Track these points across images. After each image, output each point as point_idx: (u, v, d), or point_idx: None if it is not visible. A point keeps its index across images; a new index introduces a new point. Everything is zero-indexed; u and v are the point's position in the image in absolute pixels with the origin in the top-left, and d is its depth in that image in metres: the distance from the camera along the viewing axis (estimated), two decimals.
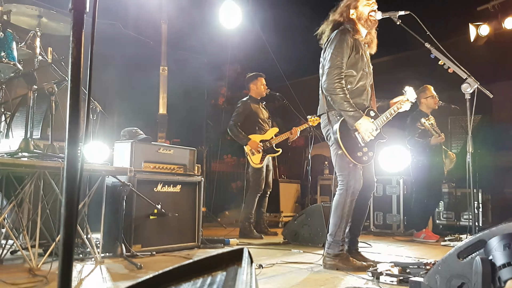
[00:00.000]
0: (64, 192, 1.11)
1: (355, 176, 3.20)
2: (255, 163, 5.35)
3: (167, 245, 3.87)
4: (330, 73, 3.17)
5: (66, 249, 1.08)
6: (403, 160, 5.75)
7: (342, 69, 3.17)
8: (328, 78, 3.17)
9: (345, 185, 3.21)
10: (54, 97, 3.09)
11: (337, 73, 3.15)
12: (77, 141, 1.14)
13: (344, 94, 3.14)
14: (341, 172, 3.24)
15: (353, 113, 3.13)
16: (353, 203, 3.22)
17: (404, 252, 4.26)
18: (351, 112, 3.13)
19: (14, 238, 2.95)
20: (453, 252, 1.92)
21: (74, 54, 1.18)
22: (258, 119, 5.52)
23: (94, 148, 3.34)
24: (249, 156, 5.36)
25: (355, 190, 3.20)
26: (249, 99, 5.63)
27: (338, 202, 3.22)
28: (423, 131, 5.37)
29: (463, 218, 5.98)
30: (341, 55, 3.18)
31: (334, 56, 3.18)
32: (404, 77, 3.69)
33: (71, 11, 1.20)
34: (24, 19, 3.51)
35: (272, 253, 3.99)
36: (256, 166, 5.36)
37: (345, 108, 3.13)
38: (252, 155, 5.35)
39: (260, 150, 5.34)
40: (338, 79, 3.14)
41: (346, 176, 3.21)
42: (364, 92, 3.33)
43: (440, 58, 3.22)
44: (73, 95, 1.17)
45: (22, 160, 2.84)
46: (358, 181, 3.20)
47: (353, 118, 3.14)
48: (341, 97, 3.13)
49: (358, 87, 3.29)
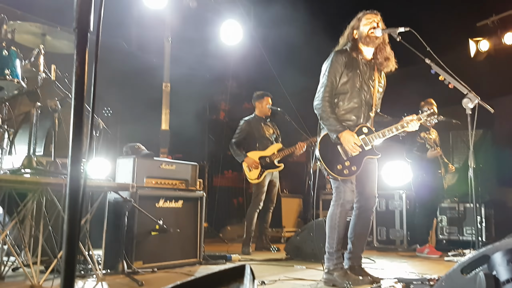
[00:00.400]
0: (67, 209, 1.12)
1: (345, 188, 3.27)
2: (251, 178, 5.41)
3: (169, 261, 3.85)
4: (318, 91, 3.35)
5: (68, 266, 1.08)
6: (406, 175, 5.75)
7: (330, 88, 3.31)
8: (317, 97, 3.35)
9: (336, 196, 3.31)
10: (57, 114, 3.11)
11: (326, 90, 3.30)
12: (80, 158, 1.15)
13: (330, 110, 3.27)
14: (333, 184, 3.37)
15: (337, 127, 3.24)
16: (344, 214, 3.28)
17: (407, 267, 4.23)
18: (331, 126, 3.25)
19: (16, 255, 2.94)
20: (456, 268, 1.91)
21: (78, 72, 1.20)
22: (260, 137, 5.58)
23: (97, 164, 3.35)
24: (246, 172, 5.41)
25: (345, 202, 3.27)
26: (253, 117, 5.71)
27: (330, 213, 3.32)
28: (422, 144, 5.40)
29: (466, 233, 5.94)
30: (333, 74, 3.31)
31: (325, 76, 3.34)
32: (404, 93, 3.71)
33: (75, 30, 1.23)
34: (28, 37, 3.54)
35: (275, 269, 3.96)
36: (253, 182, 5.40)
37: (330, 124, 3.25)
38: (249, 171, 5.38)
39: (258, 166, 5.37)
40: (326, 97, 3.29)
41: (337, 189, 3.32)
42: (355, 109, 3.37)
43: (441, 74, 3.23)
44: (76, 112, 1.18)
45: (24, 177, 2.85)
46: (348, 193, 3.27)
47: (335, 132, 3.25)
48: (326, 113, 3.27)
49: (350, 105, 3.36)
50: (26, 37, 3.54)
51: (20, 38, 3.50)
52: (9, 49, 3.12)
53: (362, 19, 3.39)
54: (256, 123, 5.63)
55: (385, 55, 3.46)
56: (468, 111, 3.26)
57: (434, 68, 3.24)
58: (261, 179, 5.39)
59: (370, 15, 3.40)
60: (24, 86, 3.22)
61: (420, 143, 5.42)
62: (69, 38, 3.55)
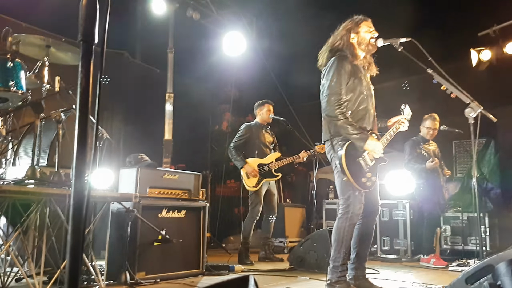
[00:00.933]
0: (71, 220, 1.12)
1: (356, 201, 3.19)
2: (249, 186, 5.37)
3: (171, 272, 3.83)
4: (329, 100, 3.22)
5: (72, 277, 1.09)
6: (409, 184, 5.73)
7: (340, 95, 3.20)
8: (328, 106, 3.21)
9: (345, 209, 3.21)
10: (61, 125, 3.13)
11: (336, 99, 3.18)
12: (84, 169, 1.16)
13: (345, 118, 3.17)
14: (342, 196, 3.25)
15: (359, 135, 3.15)
16: (352, 228, 3.21)
17: (412, 278, 4.20)
18: (357, 135, 3.15)
19: (19, 266, 2.94)
20: (461, 278, 1.90)
21: (82, 84, 1.21)
22: (259, 144, 5.57)
23: (100, 174, 3.36)
24: (244, 179, 5.39)
25: (354, 216, 3.19)
26: (253, 124, 5.71)
27: (337, 226, 3.23)
28: (420, 155, 5.42)
29: (470, 243, 5.91)
30: (339, 82, 3.21)
31: (332, 84, 3.22)
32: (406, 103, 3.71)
33: (80, 42, 1.24)
34: (33, 49, 3.58)
35: (278, 280, 3.94)
36: (251, 190, 5.37)
37: (350, 132, 3.15)
38: (248, 178, 5.36)
39: (256, 174, 5.36)
40: (337, 105, 3.18)
41: (347, 201, 3.21)
42: (365, 115, 3.35)
43: (443, 84, 3.25)
44: (81, 123, 1.19)
45: (28, 187, 2.86)
46: (358, 206, 3.19)
47: (361, 140, 3.15)
48: (343, 121, 3.16)
49: (358, 112, 3.31)
50: (30, 49, 3.58)
51: (25, 50, 3.53)
52: (14, 61, 3.16)
53: (361, 25, 3.38)
54: (257, 130, 5.63)
55: (369, 60, 3.47)
56: (470, 120, 3.27)
57: (436, 78, 3.25)
58: (259, 187, 5.37)
59: (369, 22, 3.42)
60: (28, 97, 3.24)
61: (417, 153, 5.45)
62: (73, 50, 3.59)
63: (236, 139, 5.57)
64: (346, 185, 3.19)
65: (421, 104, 5.92)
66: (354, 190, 3.18)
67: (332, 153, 3.32)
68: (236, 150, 5.48)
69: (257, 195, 5.38)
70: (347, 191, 3.21)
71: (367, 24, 3.41)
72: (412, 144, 5.52)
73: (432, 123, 5.53)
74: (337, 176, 3.30)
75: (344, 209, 3.22)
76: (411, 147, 5.50)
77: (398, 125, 3.46)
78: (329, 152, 3.37)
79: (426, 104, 6.16)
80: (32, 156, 3.04)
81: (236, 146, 5.51)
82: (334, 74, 3.24)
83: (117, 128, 7.01)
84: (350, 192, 3.19)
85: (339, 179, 3.26)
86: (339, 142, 3.25)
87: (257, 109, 5.77)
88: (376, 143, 3.19)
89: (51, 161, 3.53)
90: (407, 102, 3.60)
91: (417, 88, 7.23)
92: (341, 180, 3.22)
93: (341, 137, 3.25)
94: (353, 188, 3.17)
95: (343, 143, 3.21)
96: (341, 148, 3.20)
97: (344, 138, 3.23)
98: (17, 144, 3.49)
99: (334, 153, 3.27)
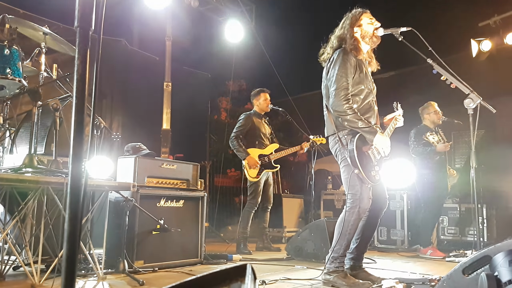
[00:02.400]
0: (68, 208, 1.11)
1: (364, 196, 3.15)
2: (251, 176, 5.37)
3: (170, 261, 3.85)
4: (337, 94, 3.16)
5: (69, 265, 1.08)
6: (407, 175, 5.73)
7: (348, 90, 3.16)
8: (336, 100, 3.16)
9: (353, 203, 3.17)
10: (58, 113, 3.11)
11: (343, 94, 3.14)
12: (81, 157, 1.15)
13: (354, 113, 3.13)
14: (351, 191, 3.19)
15: (369, 129, 3.13)
16: (357, 222, 3.18)
17: (409, 268, 4.22)
18: (367, 128, 3.12)
19: (17, 254, 2.94)
20: (458, 268, 1.90)
21: (79, 71, 1.20)
22: (259, 134, 5.55)
23: (98, 163, 3.34)
24: (246, 169, 5.38)
25: (362, 210, 3.15)
26: (252, 113, 5.68)
27: (343, 219, 3.18)
28: (426, 142, 5.39)
29: (468, 234, 5.93)
30: (346, 76, 3.17)
31: (339, 77, 3.17)
32: (406, 93, 3.71)
33: (77, 28, 1.23)
34: (30, 36, 3.55)
35: (276, 269, 3.96)
36: (252, 180, 5.37)
37: (359, 126, 3.12)
38: (249, 168, 5.36)
39: (258, 166, 5.36)
40: (345, 100, 3.13)
41: (355, 195, 3.16)
42: (370, 110, 3.33)
43: (443, 74, 3.23)
44: (78, 111, 1.18)
45: (25, 175, 2.85)
46: (366, 200, 3.15)
47: (371, 134, 3.13)
48: (352, 116, 3.12)
49: (364, 106, 3.28)
50: (28, 36, 3.55)
51: (22, 37, 3.50)
52: (11, 48, 3.13)
53: (361, 18, 3.34)
54: (256, 119, 5.62)
55: (370, 55, 3.45)
56: (470, 111, 3.26)
57: (436, 68, 3.24)
58: (259, 177, 5.38)
59: (368, 14, 3.37)
60: (25, 85, 3.22)
61: (425, 141, 5.40)
62: (71, 37, 3.55)
63: (237, 129, 5.53)
64: (355, 179, 3.15)
65: (420, 94, 5.90)
66: (363, 184, 3.14)
67: (338, 147, 3.27)
68: (238, 140, 5.45)
69: (257, 186, 5.39)
70: (355, 185, 3.16)
71: (367, 15, 3.36)
72: (417, 131, 5.49)
73: (433, 107, 5.52)
74: (343, 170, 3.26)
75: (351, 203, 3.18)
76: (417, 133, 5.47)
77: (395, 121, 3.44)
78: (334, 146, 3.32)
79: (426, 94, 6.14)
80: (30, 144, 3.02)
81: (238, 136, 5.47)
82: (341, 68, 3.18)
83: (116, 117, 6.98)
84: (358, 186, 3.15)
85: (346, 173, 3.22)
86: (346, 136, 3.22)
87: (254, 99, 5.74)
88: (386, 138, 3.17)
89: (48, 149, 3.52)
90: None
91: (417, 79, 7.22)
92: (349, 174, 3.17)
93: (347, 131, 3.22)
94: (362, 181, 3.14)
95: (351, 137, 3.19)
96: (351, 142, 3.16)
97: (351, 131, 3.20)
98: (15, 132, 3.48)
99: (342, 147, 3.22)
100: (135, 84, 7.15)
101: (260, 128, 5.59)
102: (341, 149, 3.23)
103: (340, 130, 3.24)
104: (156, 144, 6.80)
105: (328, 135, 3.39)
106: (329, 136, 3.38)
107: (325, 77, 3.34)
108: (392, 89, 3.80)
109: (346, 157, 3.18)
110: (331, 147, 3.39)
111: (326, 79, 3.32)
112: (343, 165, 3.25)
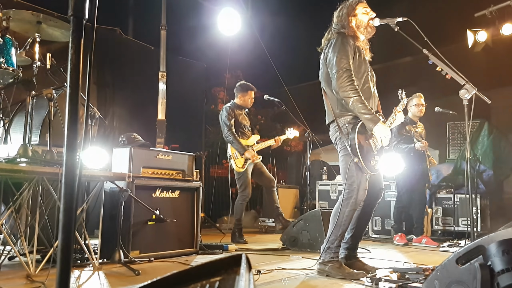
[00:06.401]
0: (63, 198, 1.11)
1: (361, 187, 3.12)
2: (238, 166, 5.37)
3: (166, 251, 3.86)
4: (339, 77, 3.07)
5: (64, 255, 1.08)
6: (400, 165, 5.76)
7: (350, 71, 3.08)
8: (339, 82, 3.06)
9: (348, 194, 3.14)
10: (52, 102, 3.09)
11: (347, 75, 3.05)
12: (75, 147, 1.14)
13: (358, 96, 3.03)
14: (348, 181, 3.15)
15: (370, 116, 3.04)
16: (352, 213, 3.15)
17: (403, 258, 4.26)
18: (368, 115, 3.04)
19: (12, 244, 2.94)
20: (452, 258, 1.92)
21: (73, 60, 1.18)
22: (241, 125, 5.56)
23: (93, 154, 3.33)
24: (233, 159, 5.38)
25: (358, 201, 3.13)
26: (233, 105, 5.59)
27: (338, 210, 3.17)
28: (407, 137, 5.44)
29: (461, 224, 5.98)
30: (347, 57, 3.10)
31: (339, 59, 3.09)
32: (401, 84, 3.70)
33: (71, 17, 1.21)
34: (24, 25, 3.51)
35: (271, 259, 3.98)
36: (239, 171, 5.38)
37: (361, 111, 3.03)
38: (236, 158, 5.36)
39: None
40: (349, 81, 3.04)
41: (351, 186, 3.13)
42: (370, 95, 3.27)
43: (438, 64, 3.23)
44: (71, 101, 1.17)
45: (20, 166, 2.84)
46: (362, 192, 3.12)
47: (372, 122, 3.03)
48: (356, 99, 3.03)
49: (364, 90, 3.21)
50: (21, 25, 3.51)
51: (15, 26, 3.46)
52: (4, 37, 3.10)
53: (357, 7, 3.31)
54: (238, 111, 5.57)
55: (366, 44, 3.42)
56: (465, 102, 3.27)
57: (432, 58, 3.23)
58: (245, 168, 5.38)
59: (364, 3, 3.35)
60: (19, 74, 3.19)
61: (406, 136, 5.46)
62: (65, 26, 3.51)
63: (228, 123, 5.41)
64: (353, 169, 3.10)
65: (415, 85, 5.91)
66: (361, 174, 3.11)
67: (337, 135, 3.23)
68: (234, 135, 5.39)
69: (245, 176, 5.40)
70: (352, 176, 3.11)
71: (362, 5, 3.34)
72: (399, 126, 5.51)
73: (419, 100, 5.54)
74: (342, 159, 3.21)
75: (347, 194, 3.14)
76: (398, 128, 5.49)
77: (395, 113, 3.41)
78: (334, 134, 3.27)
79: (421, 85, 6.15)
80: (24, 134, 3.01)
81: (232, 130, 5.42)
82: (341, 49, 3.12)
83: (110, 107, 6.94)
84: (355, 177, 3.10)
85: (344, 162, 3.17)
86: (347, 124, 3.17)
87: (239, 93, 5.63)
88: (386, 128, 3.07)
89: (43, 139, 3.51)
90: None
91: (412, 69, 7.22)
92: (347, 163, 3.12)
93: (348, 118, 3.17)
94: (361, 171, 3.10)
95: (352, 125, 3.14)
96: (352, 130, 3.12)
97: (352, 119, 3.15)
98: (9, 122, 3.46)
99: (342, 135, 3.16)
100: (130, 73, 7.10)
101: (241, 120, 5.57)
102: (341, 138, 3.18)
103: (340, 117, 3.20)
104: (152, 135, 6.78)
105: (329, 123, 3.34)
106: (330, 124, 3.32)
107: (323, 62, 3.29)
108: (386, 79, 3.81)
109: (346, 146, 3.14)
110: (331, 135, 3.33)
111: (325, 65, 3.26)
112: (342, 154, 3.21)
